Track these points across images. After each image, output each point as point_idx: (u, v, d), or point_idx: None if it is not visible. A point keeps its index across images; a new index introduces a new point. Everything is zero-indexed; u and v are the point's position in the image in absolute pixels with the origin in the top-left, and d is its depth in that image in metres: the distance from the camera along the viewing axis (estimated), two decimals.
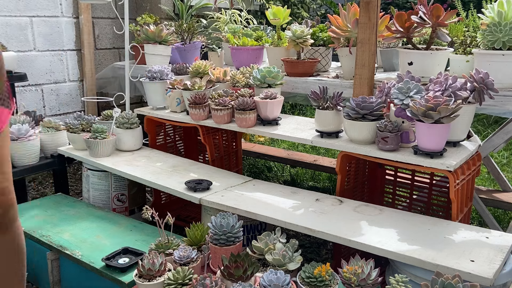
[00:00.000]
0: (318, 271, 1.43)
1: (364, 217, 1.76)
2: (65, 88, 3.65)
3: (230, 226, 1.64)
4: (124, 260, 1.79)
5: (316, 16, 4.14)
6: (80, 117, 2.67)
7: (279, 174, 3.63)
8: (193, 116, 2.35)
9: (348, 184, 2.09)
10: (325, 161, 3.31)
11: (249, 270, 1.45)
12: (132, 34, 3.16)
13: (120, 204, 2.50)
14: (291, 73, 2.48)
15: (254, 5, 4.64)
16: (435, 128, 1.69)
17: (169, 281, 1.47)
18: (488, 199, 2.64)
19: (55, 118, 2.86)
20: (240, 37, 2.78)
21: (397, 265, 1.57)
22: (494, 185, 3.21)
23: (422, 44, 2.30)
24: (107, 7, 3.80)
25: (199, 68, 2.56)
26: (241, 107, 2.15)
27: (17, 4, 3.27)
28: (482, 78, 1.76)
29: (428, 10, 1.95)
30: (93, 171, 2.47)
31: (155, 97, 2.59)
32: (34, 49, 3.40)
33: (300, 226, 1.69)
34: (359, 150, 1.89)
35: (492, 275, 1.33)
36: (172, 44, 2.96)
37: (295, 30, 2.41)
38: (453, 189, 1.71)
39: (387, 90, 1.91)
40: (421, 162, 1.73)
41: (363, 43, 2.08)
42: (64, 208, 2.32)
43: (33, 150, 2.51)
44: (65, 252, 1.89)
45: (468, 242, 1.54)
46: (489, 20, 1.94)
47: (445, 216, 2.16)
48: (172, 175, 2.21)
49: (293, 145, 4.17)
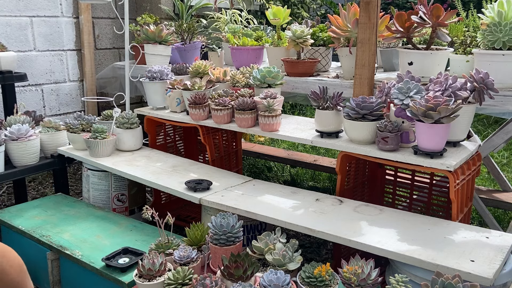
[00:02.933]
0: (318, 271, 1.43)
1: (364, 217, 1.76)
2: (65, 88, 3.65)
3: (230, 226, 1.64)
4: (124, 260, 1.79)
5: (316, 16, 4.14)
6: (80, 117, 2.67)
7: (279, 174, 3.63)
8: (193, 116, 2.35)
9: (348, 184, 2.09)
10: (325, 161, 3.31)
11: (249, 270, 1.45)
12: (132, 34, 3.16)
13: (120, 204, 2.50)
14: (291, 73, 2.48)
15: (254, 5, 4.64)
16: (435, 128, 1.69)
17: (169, 281, 1.47)
18: (488, 199, 2.64)
19: (55, 118, 2.86)
20: (240, 37, 2.78)
21: (397, 265, 1.57)
22: (494, 185, 3.21)
23: (422, 44, 2.30)
24: (107, 7, 3.80)
25: (199, 68, 2.56)
26: (241, 107, 2.15)
27: (17, 4, 3.27)
28: (482, 78, 1.75)
29: (428, 10, 1.95)
30: (93, 171, 2.47)
31: (155, 97, 2.59)
32: (34, 49, 3.40)
33: (300, 226, 1.69)
34: (359, 150, 1.89)
35: (492, 275, 1.33)
36: (172, 44, 2.96)
37: (295, 30, 2.41)
38: (453, 189, 1.71)
39: (387, 90, 1.91)
40: (421, 162, 1.73)
41: (363, 43, 2.08)
42: (64, 208, 2.32)
43: (33, 150, 2.51)
44: (65, 252, 1.89)
45: (468, 242, 1.54)
46: (489, 20, 1.94)
47: (445, 216, 2.16)
48: (172, 175, 2.21)
49: (293, 145, 4.17)
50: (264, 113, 2.09)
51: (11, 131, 2.45)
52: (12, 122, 2.58)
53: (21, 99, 3.31)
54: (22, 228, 2.09)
